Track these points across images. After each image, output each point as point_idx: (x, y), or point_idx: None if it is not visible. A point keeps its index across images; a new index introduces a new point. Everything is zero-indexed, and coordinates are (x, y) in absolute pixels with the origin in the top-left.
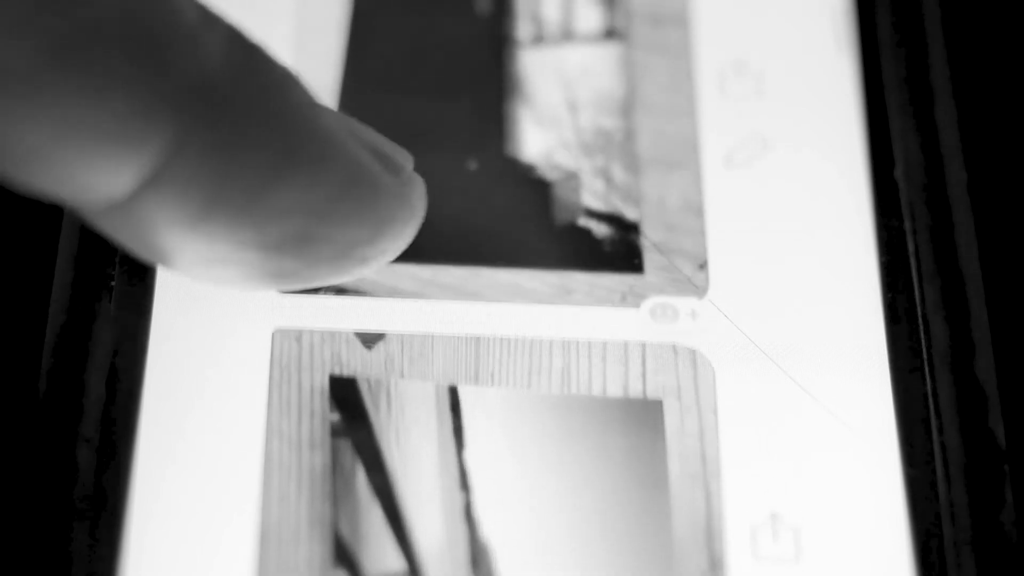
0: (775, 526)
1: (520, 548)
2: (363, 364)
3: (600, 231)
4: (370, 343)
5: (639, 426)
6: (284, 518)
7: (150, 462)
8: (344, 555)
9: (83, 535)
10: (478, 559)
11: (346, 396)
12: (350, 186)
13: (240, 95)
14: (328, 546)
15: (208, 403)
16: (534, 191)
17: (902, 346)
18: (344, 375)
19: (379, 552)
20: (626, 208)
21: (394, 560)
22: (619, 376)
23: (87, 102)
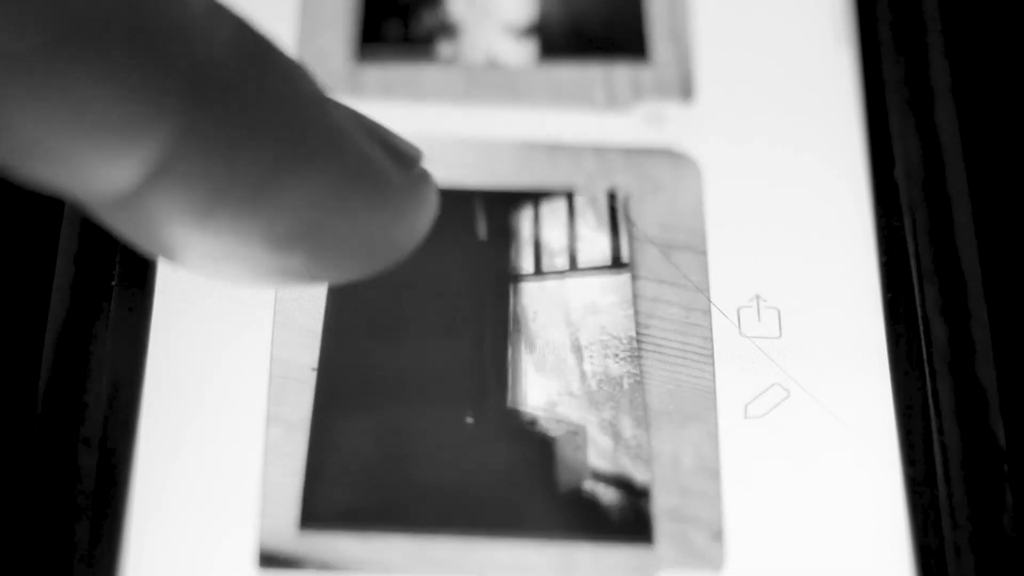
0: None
1: None
2: None
3: (607, 497)
4: None
5: None
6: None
7: (150, 462)
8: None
9: (84, 535)
10: None
11: None
12: (359, 179)
13: (247, 83)
14: None
15: (208, 403)
16: (536, 450)
17: (902, 346)
18: None
19: None
20: (635, 469)
21: None
22: None
23: (93, 88)
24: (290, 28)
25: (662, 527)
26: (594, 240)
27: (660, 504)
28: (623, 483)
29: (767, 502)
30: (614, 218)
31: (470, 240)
